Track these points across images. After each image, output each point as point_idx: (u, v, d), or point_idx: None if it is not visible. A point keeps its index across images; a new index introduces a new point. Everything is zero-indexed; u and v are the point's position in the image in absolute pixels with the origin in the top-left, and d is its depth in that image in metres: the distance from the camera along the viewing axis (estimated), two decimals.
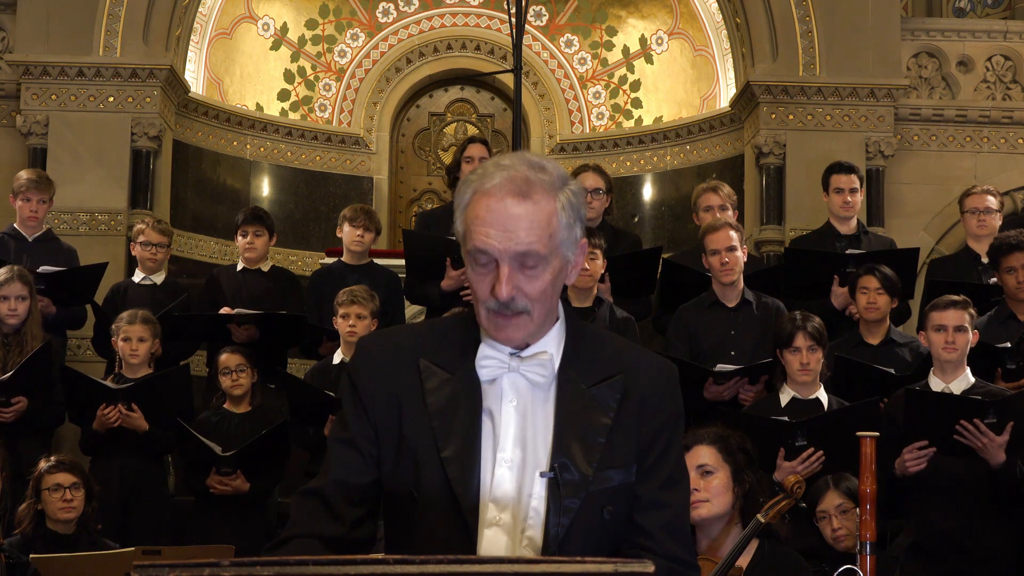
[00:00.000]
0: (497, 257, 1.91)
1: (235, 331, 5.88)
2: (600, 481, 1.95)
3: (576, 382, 2.00)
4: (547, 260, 1.93)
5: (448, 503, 1.94)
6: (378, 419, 2.01)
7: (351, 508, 2.00)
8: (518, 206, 1.90)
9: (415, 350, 2.03)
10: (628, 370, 2.02)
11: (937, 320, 4.66)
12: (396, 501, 2.00)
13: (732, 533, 3.43)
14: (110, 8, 7.94)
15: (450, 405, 1.97)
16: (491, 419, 1.97)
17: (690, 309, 5.60)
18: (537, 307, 1.95)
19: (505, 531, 1.94)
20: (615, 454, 1.97)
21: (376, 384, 2.03)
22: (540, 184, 1.93)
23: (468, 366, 1.99)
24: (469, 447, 1.95)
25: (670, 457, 2.04)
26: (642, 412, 2.00)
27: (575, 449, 1.95)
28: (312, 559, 1.52)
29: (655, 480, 2.01)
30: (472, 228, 1.92)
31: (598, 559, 1.55)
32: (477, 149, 6.17)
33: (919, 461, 4.44)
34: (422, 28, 9.42)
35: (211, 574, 1.48)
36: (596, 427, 1.97)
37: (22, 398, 5.34)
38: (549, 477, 1.94)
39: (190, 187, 8.48)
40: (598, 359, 2.03)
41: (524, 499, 1.95)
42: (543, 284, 1.94)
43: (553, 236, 1.93)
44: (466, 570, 1.52)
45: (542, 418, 1.98)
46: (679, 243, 8.19)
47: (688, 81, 9.15)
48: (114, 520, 5.23)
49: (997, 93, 8.55)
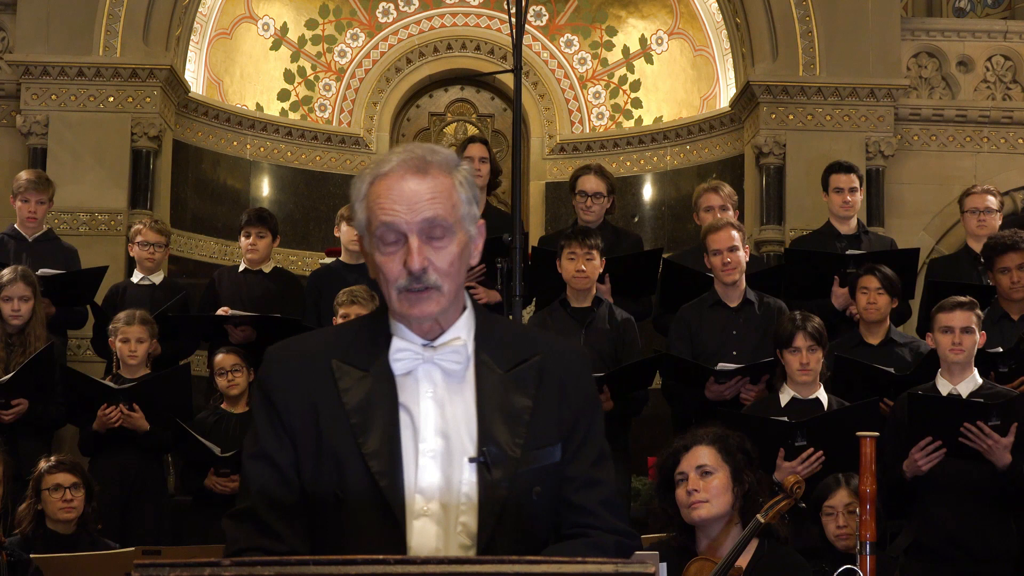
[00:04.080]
0: (405, 230, 1.95)
1: (232, 332, 5.88)
2: (527, 462, 1.99)
3: (493, 366, 2.03)
4: (453, 231, 1.97)
5: (374, 498, 1.95)
6: (294, 426, 2.01)
7: (286, 524, 2.00)
8: (420, 182, 1.97)
9: (325, 352, 2.04)
10: (543, 353, 2.06)
11: (944, 321, 4.66)
12: (320, 504, 2.00)
13: (732, 533, 3.43)
14: (110, 8, 7.94)
15: (367, 402, 1.99)
16: (408, 412, 1.99)
17: (692, 309, 5.60)
18: (447, 282, 1.98)
19: (435, 521, 1.96)
20: (539, 435, 2.01)
21: (289, 391, 2.03)
22: (436, 163, 1.99)
23: (381, 362, 2.01)
24: (390, 440, 1.97)
25: (595, 436, 2.09)
26: (562, 393, 2.04)
27: (500, 432, 1.98)
28: (312, 559, 1.52)
29: (585, 459, 2.05)
30: (376, 208, 1.97)
31: (598, 559, 1.55)
32: (477, 149, 6.16)
33: (930, 459, 4.44)
34: (422, 28, 9.42)
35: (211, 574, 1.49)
36: (518, 409, 2.00)
37: (23, 400, 5.34)
38: (479, 462, 1.96)
39: (190, 187, 8.48)
40: (511, 343, 2.07)
41: (454, 487, 1.97)
42: (451, 256, 1.97)
43: (456, 207, 1.99)
44: (467, 570, 1.52)
45: (461, 405, 2.00)
46: (679, 243, 8.18)
47: (688, 81, 9.15)
48: (114, 520, 5.23)
49: (997, 93, 8.55)
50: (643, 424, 6.09)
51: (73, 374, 5.53)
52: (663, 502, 3.56)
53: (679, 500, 3.47)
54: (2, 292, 5.51)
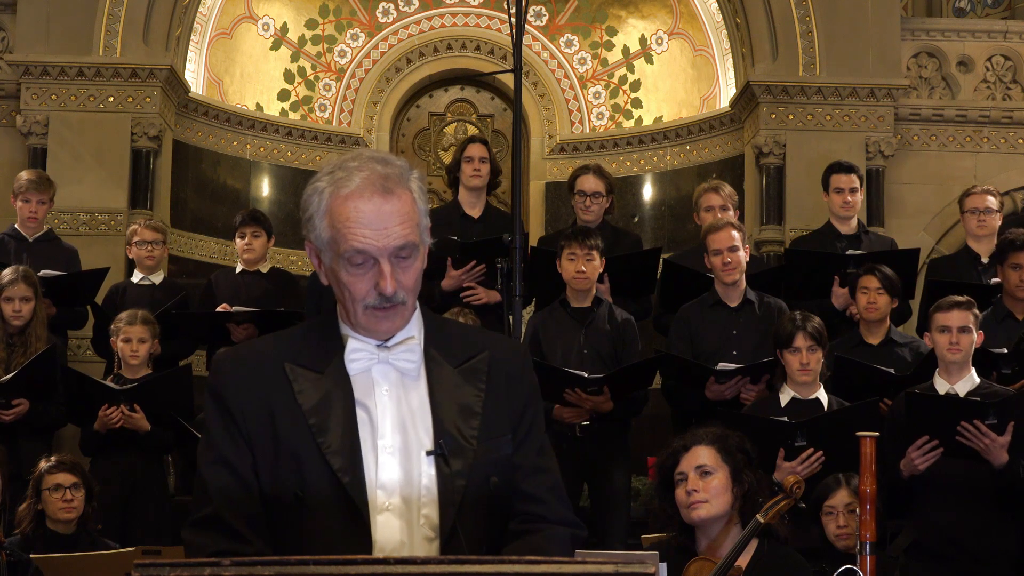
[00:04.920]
0: (376, 255, 1.98)
1: (234, 330, 5.88)
2: (483, 452, 2.04)
3: (443, 363, 2.09)
4: (417, 248, 2.02)
5: (337, 496, 1.98)
6: (250, 429, 2.03)
7: (249, 526, 2.01)
8: (387, 204, 1.98)
9: (277, 356, 2.07)
10: (490, 349, 2.13)
11: (941, 321, 4.66)
12: (280, 506, 2.01)
13: (732, 533, 3.43)
14: (110, 8, 7.93)
15: (323, 402, 2.02)
16: (366, 409, 2.03)
17: (692, 309, 5.60)
18: (411, 296, 2.04)
19: (397, 515, 2.00)
20: (492, 426, 2.07)
21: (243, 395, 2.04)
22: (395, 178, 2.01)
23: (336, 363, 2.05)
24: (349, 438, 2.01)
25: (539, 426, 2.17)
26: (509, 386, 2.12)
27: (455, 425, 2.04)
28: (312, 559, 1.52)
29: (531, 448, 2.13)
30: (344, 231, 1.98)
31: (598, 560, 1.55)
32: (477, 149, 6.16)
33: (927, 458, 4.44)
34: (422, 28, 9.42)
35: (211, 574, 1.49)
36: (471, 403, 2.07)
37: (23, 400, 5.34)
38: (437, 454, 2.01)
39: (190, 187, 8.48)
40: (459, 341, 2.14)
41: (414, 480, 2.01)
42: (415, 273, 2.04)
43: (418, 224, 2.03)
44: (467, 570, 1.52)
45: (416, 401, 2.05)
46: (679, 243, 8.18)
47: (688, 81, 9.15)
48: (114, 520, 5.23)
49: (997, 93, 8.55)
50: (643, 424, 6.09)
51: (74, 375, 5.53)
52: (663, 502, 3.56)
53: (679, 500, 3.47)
54: (3, 293, 5.51)
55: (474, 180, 6.06)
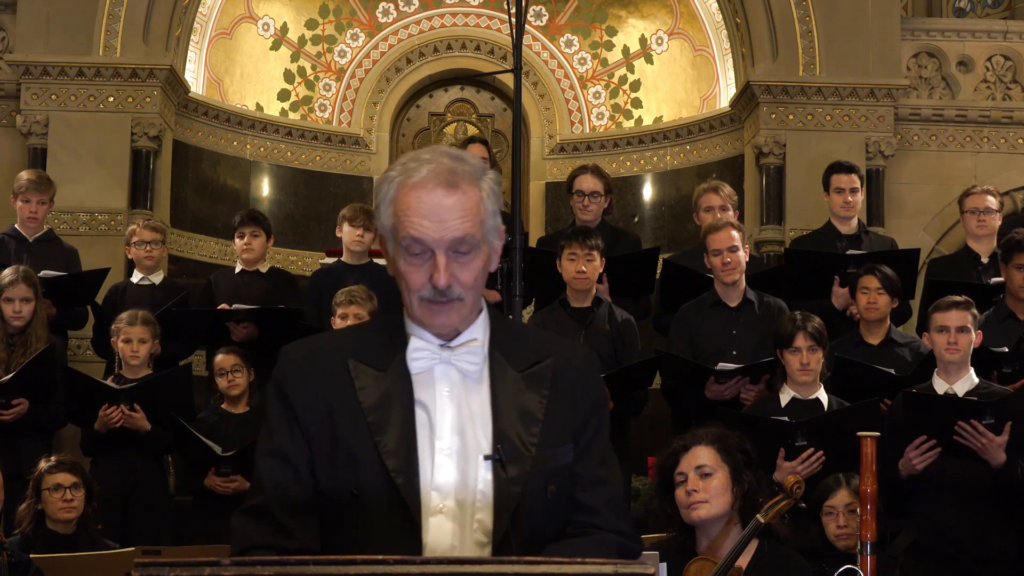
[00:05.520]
0: (433, 246, 1.97)
1: (234, 329, 5.88)
2: (541, 460, 2.02)
3: (507, 367, 2.06)
4: (479, 246, 2.00)
5: (390, 495, 1.97)
6: (310, 424, 2.03)
7: (296, 520, 2.01)
8: (449, 196, 1.97)
9: (341, 352, 2.07)
10: (556, 355, 2.10)
11: (939, 321, 4.66)
12: (335, 502, 2.01)
13: (732, 533, 3.43)
14: (110, 8, 7.93)
15: (383, 400, 2.01)
16: (425, 410, 2.02)
17: (692, 309, 5.60)
18: (470, 294, 2.01)
19: (450, 518, 1.98)
20: (553, 434, 2.04)
21: (305, 389, 2.05)
22: (464, 174, 2.00)
23: (398, 361, 2.04)
24: (407, 438, 1.99)
25: (603, 436, 2.13)
26: (574, 395, 2.08)
27: (515, 431, 2.01)
28: (312, 559, 1.52)
29: (592, 459, 2.09)
30: (404, 219, 1.98)
31: (598, 560, 1.56)
32: (477, 149, 6.16)
33: (925, 458, 4.44)
34: (422, 28, 9.42)
35: (211, 574, 1.49)
36: (533, 409, 2.04)
37: (23, 400, 5.34)
38: (494, 459, 1.98)
39: (190, 187, 8.48)
40: (525, 346, 2.11)
41: (470, 484, 1.99)
42: (475, 271, 2.01)
43: (483, 222, 2.01)
44: (467, 570, 1.52)
45: (477, 404, 2.03)
46: (679, 243, 8.19)
47: (688, 81, 9.15)
48: (114, 520, 5.23)
49: (997, 93, 8.55)
50: (643, 424, 6.09)
51: (74, 374, 5.52)
52: (663, 502, 3.56)
53: (679, 500, 3.47)
54: (3, 293, 5.51)
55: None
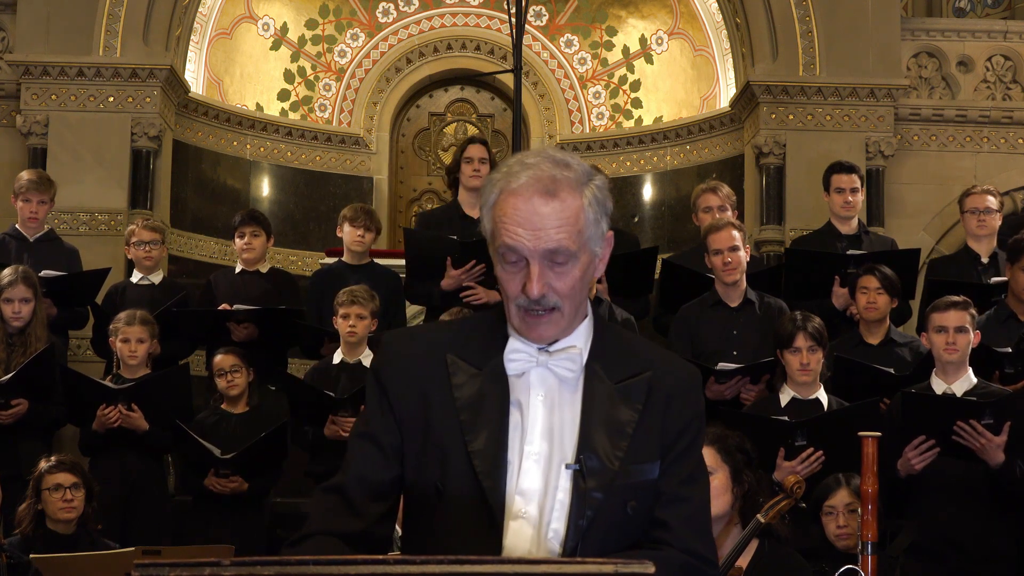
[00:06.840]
0: (527, 255, 1.93)
1: (234, 329, 5.88)
2: (625, 475, 1.97)
3: (603, 378, 2.01)
4: (576, 256, 1.95)
5: (475, 496, 1.95)
6: (403, 414, 2.02)
7: (371, 504, 2.01)
8: (546, 205, 1.92)
9: (441, 346, 2.04)
10: (655, 369, 2.05)
11: (938, 321, 4.67)
12: (420, 496, 2.00)
13: (732, 533, 3.43)
14: (110, 8, 7.94)
15: (478, 399, 1.99)
16: (519, 412, 1.99)
17: (692, 309, 5.60)
18: (567, 303, 1.97)
19: (530, 523, 1.96)
20: (640, 450, 1.99)
21: (402, 379, 2.04)
22: (566, 181, 1.94)
23: (496, 361, 2.01)
24: (497, 440, 1.96)
25: (692, 455, 2.08)
26: (667, 410, 2.03)
27: (601, 443, 1.97)
28: (312, 559, 1.52)
29: (676, 476, 2.04)
30: (501, 226, 1.94)
31: (598, 560, 1.55)
32: (477, 150, 6.15)
33: (923, 458, 4.44)
34: (422, 28, 9.42)
35: (211, 574, 1.48)
36: (623, 422, 1.99)
37: (23, 400, 5.33)
38: (575, 469, 1.95)
39: (190, 187, 8.48)
40: (625, 357, 2.05)
41: (550, 492, 1.96)
42: (572, 280, 1.96)
43: (581, 232, 1.95)
44: (467, 570, 1.52)
45: (569, 412, 1.99)
46: (679, 243, 8.19)
47: (688, 81, 9.15)
48: (114, 520, 5.22)
49: (997, 93, 8.55)
50: None
51: (73, 374, 5.52)
52: None
53: None
54: (3, 294, 5.51)
55: (474, 181, 6.05)
